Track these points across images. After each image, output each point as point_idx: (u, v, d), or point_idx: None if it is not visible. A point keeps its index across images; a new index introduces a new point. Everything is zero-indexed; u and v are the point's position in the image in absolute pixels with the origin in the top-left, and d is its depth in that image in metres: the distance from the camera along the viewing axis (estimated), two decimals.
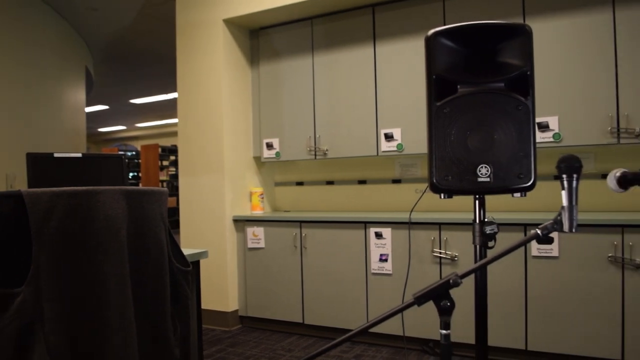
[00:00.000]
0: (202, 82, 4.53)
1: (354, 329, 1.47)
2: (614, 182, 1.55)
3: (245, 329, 4.41)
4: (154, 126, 17.29)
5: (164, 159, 15.29)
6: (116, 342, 1.47)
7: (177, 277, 1.87)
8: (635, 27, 3.31)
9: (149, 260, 1.70)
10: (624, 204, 3.66)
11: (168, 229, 1.84)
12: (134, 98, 12.33)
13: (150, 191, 1.74)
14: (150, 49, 7.84)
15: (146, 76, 9.76)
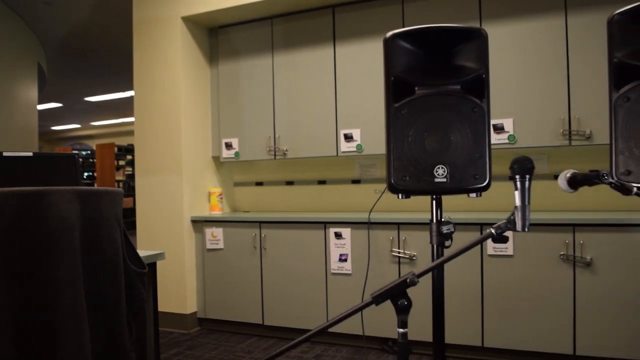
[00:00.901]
0: (160, 80, 4.46)
1: (314, 329, 1.47)
2: (565, 182, 1.60)
3: (204, 331, 4.36)
4: (110, 125, 16.90)
5: (121, 158, 14.97)
6: (68, 347, 1.43)
7: (133, 279, 1.83)
8: (586, 32, 3.43)
9: (103, 262, 1.66)
10: (576, 203, 3.78)
11: (123, 230, 1.81)
12: (89, 96, 12.02)
13: (105, 191, 1.70)
14: (106, 46, 7.65)
15: (102, 73, 9.53)
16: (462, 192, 2.11)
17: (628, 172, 1.95)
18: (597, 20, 3.38)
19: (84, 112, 14.46)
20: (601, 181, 1.49)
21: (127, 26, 5.16)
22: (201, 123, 4.59)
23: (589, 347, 3.19)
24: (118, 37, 7.06)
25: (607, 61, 2.05)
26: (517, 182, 1.46)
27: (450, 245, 2.15)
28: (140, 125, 4.56)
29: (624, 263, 3.10)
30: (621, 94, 1.98)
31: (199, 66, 4.58)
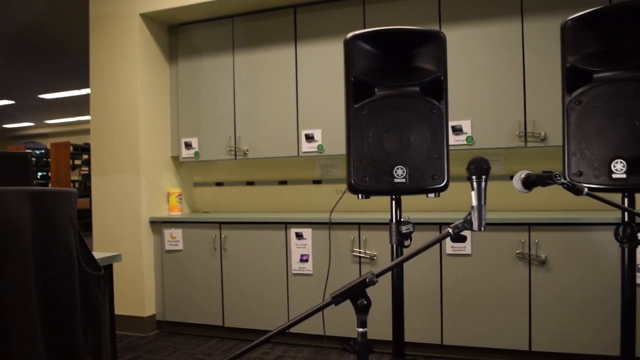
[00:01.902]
0: (117, 77, 4.36)
1: (274, 329, 1.46)
2: (519, 183, 1.64)
3: (163, 334, 4.29)
4: (66, 123, 16.43)
5: (76, 157, 14.57)
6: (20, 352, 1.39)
7: (88, 282, 1.79)
8: (541, 37, 3.53)
9: (56, 265, 1.61)
10: (532, 203, 3.89)
11: (77, 231, 1.76)
12: (44, 93, 11.66)
13: (58, 192, 1.66)
14: (62, 42, 7.43)
15: (57, 70, 9.25)
16: (420, 193, 2.14)
17: (580, 173, 2.02)
18: (552, 25, 3.47)
19: (38, 110, 14.00)
20: (554, 182, 1.53)
21: (83, 22, 5.02)
22: (160, 122, 4.51)
23: (544, 343, 3.28)
24: (74, 33, 6.86)
25: (561, 65, 2.11)
26: (473, 183, 1.49)
27: (410, 245, 2.18)
28: (97, 123, 4.45)
29: (576, 261, 3.21)
30: (573, 97, 2.04)
31: (158, 64, 4.50)
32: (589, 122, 2.00)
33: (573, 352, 3.23)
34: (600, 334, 3.15)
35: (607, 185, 1.97)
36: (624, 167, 1.93)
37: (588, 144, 2.01)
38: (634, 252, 1.99)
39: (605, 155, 1.97)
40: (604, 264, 3.13)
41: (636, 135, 1.92)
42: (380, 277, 1.43)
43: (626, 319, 2.03)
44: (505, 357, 3.40)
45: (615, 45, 2.05)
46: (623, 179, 1.94)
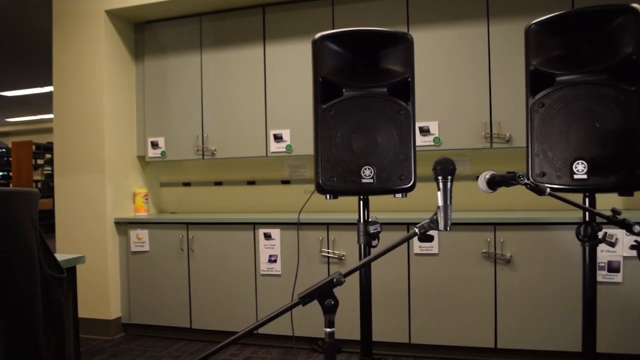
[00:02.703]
0: (82, 75, 4.26)
1: (241, 331, 1.45)
2: (484, 183, 1.67)
3: (129, 337, 4.21)
4: (28, 121, 16.00)
5: (39, 157, 14.22)
6: None
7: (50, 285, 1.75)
8: (506, 40, 3.59)
9: (16, 267, 1.57)
10: (497, 203, 3.96)
11: (39, 233, 1.72)
12: (5, 90, 11.34)
13: (19, 192, 1.62)
14: (24, 38, 7.24)
15: (19, 67, 9.01)
16: (388, 193, 2.15)
17: (543, 173, 2.06)
18: (517, 29, 3.54)
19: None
20: (517, 182, 1.56)
21: (46, 17, 4.89)
22: (125, 121, 4.44)
23: (509, 340, 3.35)
24: (37, 29, 6.70)
25: (524, 68, 2.15)
26: (439, 183, 1.51)
27: (377, 245, 2.19)
28: (60, 122, 4.35)
29: (540, 259, 3.28)
30: (536, 99, 2.08)
31: (123, 62, 4.42)
32: (551, 124, 2.05)
33: (537, 349, 3.30)
34: (563, 331, 3.23)
35: (568, 186, 2.02)
36: (585, 168, 1.98)
37: (551, 146, 2.05)
38: (594, 250, 2.04)
39: (567, 157, 2.02)
40: (567, 262, 3.21)
41: (596, 137, 1.97)
42: (349, 277, 1.43)
43: (587, 315, 2.08)
44: (472, 355, 3.45)
45: (577, 49, 2.10)
46: (584, 180, 1.99)
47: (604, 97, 1.96)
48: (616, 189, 1.99)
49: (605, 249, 3.12)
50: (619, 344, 3.12)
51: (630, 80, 1.94)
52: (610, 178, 1.96)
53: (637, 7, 1.94)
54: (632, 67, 1.94)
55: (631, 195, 1.99)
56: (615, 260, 3.15)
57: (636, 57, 1.92)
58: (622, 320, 3.11)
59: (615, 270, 3.15)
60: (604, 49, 2.03)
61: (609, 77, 1.98)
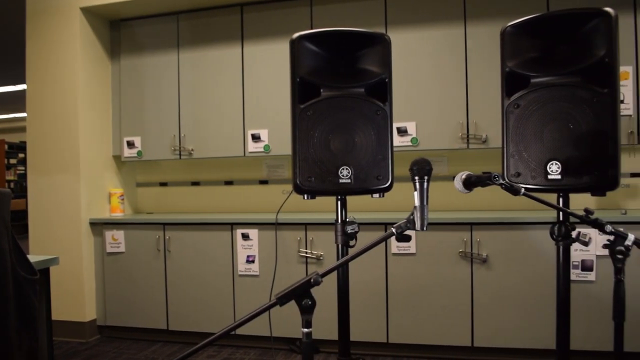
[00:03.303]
0: (56, 73, 4.19)
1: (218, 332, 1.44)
2: (460, 183, 1.68)
3: (105, 340, 4.16)
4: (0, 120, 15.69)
5: (12, 156, 13.92)
6: None
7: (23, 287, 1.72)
8: (483, 42, 3.63)
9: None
10: (474, 203, 4.00)
11: (11, 233, 1.68)
12: None
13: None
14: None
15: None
16: (365, 193, 2.16)
17: (518, 174, 2.09)
18: (493, 30, 3.58)
19: None
20: (493, 182, 1.58)
21: (19, 13, 4.80)
22: (101, 120, 4.37)
23: (486, 339, 3.38)
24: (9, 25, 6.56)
25: (500, 70, 2.18)
26: (416, 183, 1.52)
27: (355, 245, 2.20)
28: (34, 121, 4.26)
29: (516, 259, 3.32)
30: (512, 101, 2.11)
31: (99, 60, 4.36)
32: (526, 125, 2.08)
33: (513, 347, 3.35)
34: (538, 328, 3.27)
35: (543, 186, 2.05)
36: (558, 168, 2.02)
37: (525, 146, 2.08)
38: (568, 249, 2.08)
39: (542, 157, 2.05)
40: (541, 262, 3.26)
41: (570, 138, 2.00)
42: (326, 277, 1.43)
43: (561, 313, 2.11)
44: (449, 353, 3.48)
45: (552, 51, 2.13)
46: (558, 180, 2.02)
47: (578, 99, 2.00)
48: (589, 189, 2.02)
49: (579, 248, 3.18)
50: (593, 341, 3.18)
51: (603, 82, 1.98)
52: (583, 178, 1.99)
53: (610, 10, 1.98)
54: (604, 69, 1.97)
55: (604, 196, 2.02)
56: (588, 259, 3.21)
57: (609, 60, 1.96)
58: (596, 318, 3.17)
59: (588, 269, 3.21)
60: (578, 52, 2.06)
61: (582, 79, 2.01)
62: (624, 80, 3.44)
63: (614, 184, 1.98)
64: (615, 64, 1.97)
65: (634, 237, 1.65)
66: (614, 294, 1.68)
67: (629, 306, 1.81)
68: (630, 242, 1.65)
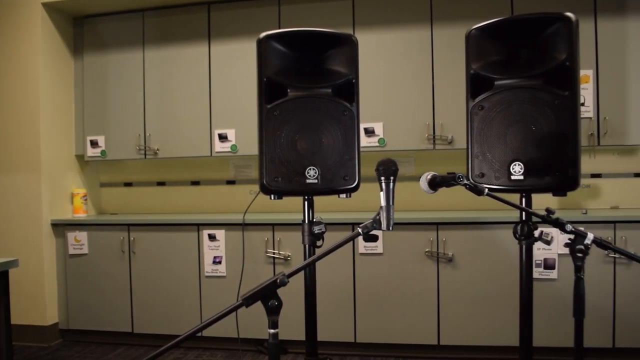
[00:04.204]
0: (16, 70, 4.07)
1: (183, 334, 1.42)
2: (425, 184, 1.70)
3: (67, 343, 4.06)
4: None
5: None
6: None
7: None
8: (449, 44, 3.68)
9: None
10: (441, 203, 4.05)
11: None
12: None
13: None
14: None
15: None
16: (332, 193, 2.16)
17: (482, 174, 2.12)
18: (459, 33, 3.61)
19: None
20: (457, 183, 1.60)
21: None
22: (63, 118, 4.27)
23: (452, 337, 3.43)
24: None
25: (465, 72, 2.21)
26: (382, 184, 1.53)
27: (322, 245, 2.20)
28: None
29: (480, 257, 3.38)
30: (476, 102, 2.14)
31: (61, 57, 4.25)
32: (490, 126, 2.11)
33: (478, 344, 3.40)
34: (502, 326, 3.33)
35: (506, 186, 2.09)
36: (521, 169, 2.06)
37: (490, 147, 2.12)
38: (530, 248, 2.12)
39: (505, 158, 2.09)
40: (505, 260, 3.32)
41: (532, 140, 2.05)
42: (295, 277, 1.43)
43: (524, 311, 2.16)
44: (416, 352, 3.51)
45: (515, 54, 2.18)
46: (520, 181, 2.07)
47: (540, 101, 2.04)
48: (550, 189, 2.07)
49: (542, 247, 3.25)
50: (554, 337, 3.25)
51: (564, 85, 2.03)
52: (545, 179, 2.04)
53: (570, 15, 2.03)
54: (565, 73, 2.03)
55: (564, 196, 2.08)
56: (550, 257, 3.28)
57: (569, 64, 2.01)
58: (557, 315, 3.24)
59: (550, 267, 3.28)
60: (540, 55, 2.11)
61: (544, 82, 2.06)
62: (585, 84, 3.53)
63: (574, 185, 2.03)
64: (576, 67, 2.03)
65: (593, 236, 1.69)
66: (574, 291, 1.72)
67: (589, 303, 1.86)
68: (590, 240, 1.69)
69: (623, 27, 3.53)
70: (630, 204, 3.84)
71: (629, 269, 3.20)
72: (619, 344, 3.24)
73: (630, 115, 3.51)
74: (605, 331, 3.24)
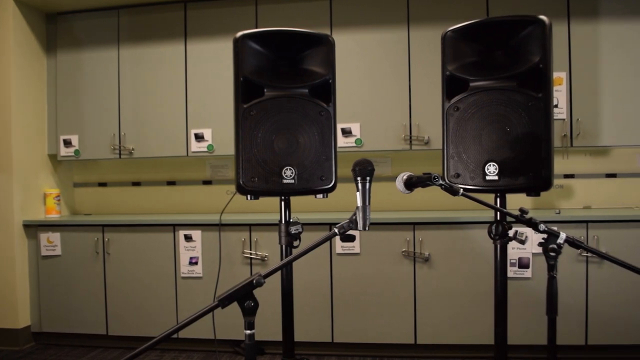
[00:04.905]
0: None
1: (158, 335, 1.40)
2: (401, 184, 1.71)
3: (40, 347, 3.98)
4: None
5: None
6: None
7: None
8: (426, 45, 3.71)
9: None
10: (418, 203, 4.07)
11: None
12: None
13: None
14: None
15: None
16: (309, 193, 2.16)
17: (457, 174, 2.14)
18: (435, 34, 3.65)
19: None
20: (433, 183, 1.61)
21: None
22: (36, 117, 4.18)
23: (428, 336, 3.45)
24: None
25: (441, 73, 2.23)
26: (358, 184, 1.53)
27: (299, 245, 2.20)
28: None
29: (456, 257, 3.41)
30: (452, 104, 2.16)
31: (33, 55, 4.17)
32: (465, 127, 2.13)
33: (454, 343, 3.43)
34: (477, 324, 3.37)
35: (481, 187, 2.11)
36: (496, 169, 2.08)
37: (465, 148, 2.14)
38: (505, 248, 2.15)
39: (480, 159, 2.11)
40: (481, 260, 3.35)
41: (506, 141, 2.08)
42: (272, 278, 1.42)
43: (499, 309, 2.18)
44: (393, 351, 3.53)
45: (490, 56, 2.20)
46: (495, 181, 2.09)
47: (514, 103, 2.07)
48: (524, 189, 2.10)
49: (517, 247, 3.29)
50: (529, 335, 3.30)
51: (537, 87, 2.06)
52: (519, 179, 2.07)
53: (544, 18, 2.06)
54: (539, 75, 2.05)
55: (538, 196, 2.11)
56: (525, 256, 3.33)
57: (543, 66, 2.04)
58: (531, 313, 3.29)
59: (525, 266, 3.33)
60: (514, 57, 2.14)
61: (518, 83, 2.09)
62: (558, 86, 3.59)
63: (547, 185, 2.07)
64: (549, 69, 2.06)
65: (565, 236, 1.72)
66: (547, 289, 1.74)
67: (562, 301, 1.89)
68: (562, 240, 1.71)
69: (595, 30, 3.59)
70: (602, 204, 3.91)
71: (601, 267, 3.26)
72: (592, 342, 3.30)
73: (603, 117, 3.58)
74: (578, 329, 3.30)
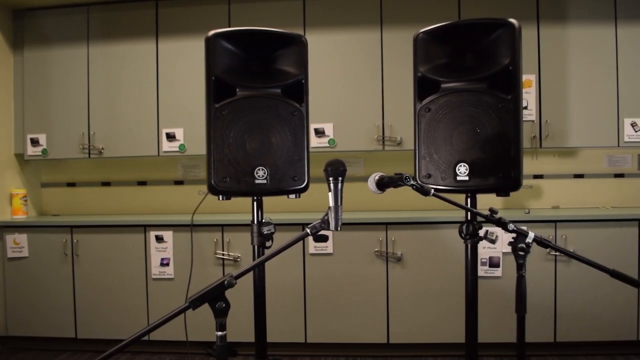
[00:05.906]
0: None
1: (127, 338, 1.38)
2: (373, 184, 1.72)
3: (6, 351, 3.88)
4: None
5: None
6: None
7: None
8: (398, 47, 3.73)
9: None
10: (390, 203, 4.09)
11: None
12: None
13: None
14: None
15: None
16: (281, 194, 2.16)
17: (429, 175, 2.16)
18: (407, 36, 3.65)
19: None
20: (404, 183, 1.62)
21: None
22: (1, 115, 4.08)
23: (401, 335, 3.48)
24: None
25: (413, 74, 2.25)
26: (330, 184, 1.53)
27: (272, 246, 2.19)
28: None
29: (428, 257, 3.44)
30: (423, 105, 2.18)
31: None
32: (437, 128, 2.15)
33: (426, 342, 3.47)
34: (449, 323, 3.41)
35: (452, 187, 2.14)
36: (466, 170, 2.11)
37: (436, 149, 2.16)
38: (475, 247, 2.17)
39: (451, 159, 2.13)
40: (452, 259, 3.39)
41: (476, 142, 2.10)
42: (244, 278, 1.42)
43: (470, 308, 2.21)
44: (366, 351, 3.55)
45: (461, 58, 2.23)
46: (465, 181, 2.11)
47: (484, 104, 2.09)
48: (494, 189, 2.13)
49: (487, 246, 3.33)
50: (499, 333, 3.34)
51: (507, 89, 2.09)
52: (489, 180, 2.09)
53: (513, 22, 2.09)
54: (508, 77, 2.09)
55: (507, 196, 2.14)
56: (495, 256, 3.38)
57: (512, 68, 2.07)
58: (502, 311, 3.33)
59: (495, 265, 3.38)
60: (485, 59, 2.16)
61: (488, 85, 2.12)
62: (528, 88, 3.65)
63: (516, 185, 2.10)
64: (518, 72, 2.09)
65: (534, 235, 1.75)
66: (516, 288, 1.77)
67: (531, 300, 1.92)
68: (531, 239, 1.74)
69: (564, 34, 3.67)
70: (570, 204, 4.00)
71: (569, 266, 3.33)
72: (560, 339, 3.37)
73: (571, 119, 3.65)
74: (547, 326, 3.37)
